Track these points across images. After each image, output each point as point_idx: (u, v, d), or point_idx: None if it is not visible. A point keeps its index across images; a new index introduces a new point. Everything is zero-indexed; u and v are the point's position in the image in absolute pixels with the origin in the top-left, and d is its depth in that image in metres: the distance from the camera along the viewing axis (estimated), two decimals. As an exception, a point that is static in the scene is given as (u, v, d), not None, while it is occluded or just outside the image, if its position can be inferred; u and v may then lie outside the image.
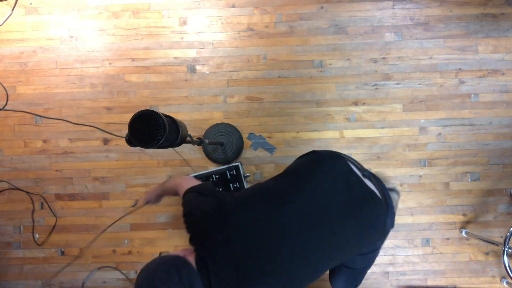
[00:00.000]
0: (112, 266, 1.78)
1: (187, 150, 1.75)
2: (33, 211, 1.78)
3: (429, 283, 1.74)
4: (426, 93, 1.73)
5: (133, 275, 1.77)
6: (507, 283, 1.70)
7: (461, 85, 1.73)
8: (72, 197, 1.78)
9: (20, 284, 1.79)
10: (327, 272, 1.05)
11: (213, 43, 1.76)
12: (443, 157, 1.73)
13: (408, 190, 1.74)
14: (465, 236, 1.72)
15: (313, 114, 1.74)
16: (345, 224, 0.82)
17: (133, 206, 1.76)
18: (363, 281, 1.73)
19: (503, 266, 1.47)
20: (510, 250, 1.46)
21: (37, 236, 1.79)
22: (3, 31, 1.78)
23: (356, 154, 1.74)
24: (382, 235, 0.91)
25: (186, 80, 1.76)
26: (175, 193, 1.08)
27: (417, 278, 1.74)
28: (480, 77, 1.73)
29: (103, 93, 1.77)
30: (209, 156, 1.73)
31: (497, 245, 1.52)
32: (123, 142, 1.77)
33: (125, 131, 1.76)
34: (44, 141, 1.78)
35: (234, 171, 1.60)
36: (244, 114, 1.75)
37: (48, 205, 1.77)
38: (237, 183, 1.59)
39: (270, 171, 1.75)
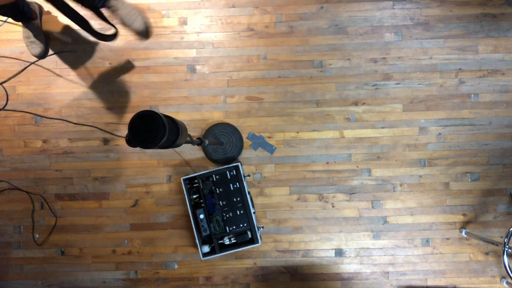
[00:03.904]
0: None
1: (187, 150, 1.76)
2: (33, 211, 1.78)
3: (429, 283, 1.74)
4: (426, 93, 1.73)
5: (133, 275, 1.78)
6: (507, 283, 1.70)
7: (461, 85, 1.73)
8: (72, 197, 1.78)
9: (20, 284, 1.80)
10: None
11: (213, 43, 1.76)
12: (443, 157, 1.73)
13: (408, 190, 1.74)
14: (465, 236, 1.72)
15: (313, 114, 1.74)
16: None
17: (133, 206, 1.76)
18: (362, 282, 1.74)
19: (503, 266, 1.47)
20: (510, 250, 1.46)
21: (37, 236, 1.79)
22: (3, 31, 1.78)
23: (356, 154, 1.74)
24: None
25: (186, 80, 1.76)
26: None
27: (417, 278, 1.74)
28: (480, 77, 1.73)
29: (103, 93, 1.77)
30: (209, 156, 1.73)
31: (497, 245, 1.52)
32: (123, 142, 1.77)
33: (125, 131, 1.77)
34: (44, 141, 1.78)
35: (234, 171, 1.60)
36: (244, 114, 1.75)
37: (48, 205, 1.77)
38: (237, 183, 1.60)
39: (270, 171, 1.75)
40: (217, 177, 1.61)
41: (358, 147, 1.74)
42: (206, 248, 1.61)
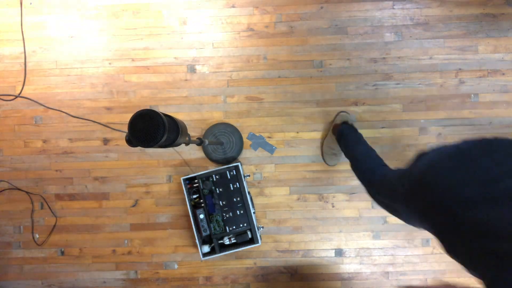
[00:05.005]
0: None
1: (187, 150, 1.75)
2: (33, 211, 1.78)
3: (429, 283, 1.74)
4: (426, 93, 1.73)
5: (133, 275, 1.77)
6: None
7: (461, 85, 1.73)
8: (72, 197, 1.78)
9: (20, 284, 1.79)
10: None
11: (213, 43, 1.76)
12: (443, 157, 1.73)
13: (408, 190, 1.73)
14: (465, 236, 1.72)
15: (313, 114, 1.74)
16: None
17: (133, 206, 1.76)
18: (362, 281, 1.74)
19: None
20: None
21: (37, 236, 1.79)
22: (3, 31, 1.78)
23: (356, 154, 1.74)
24: None
25: (186, 80, 1.76)
26: None
27: (417, 278, 1.74)
28: (480, 77, 1.73)
29: (103, 93, 1.77)
30: (209, 156, 1.73)
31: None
32: (123, 142, 1.77)
33: (125, 131, 1.76)
34: (44, 141, 1.78)
35: (234, 171, 1.60)
36: (244, 114, 1.75)
37: (48, 205, 1.77)
38: (237, 183, 1.59)
39: (270, 171, 1.75)
40: (217, 177, 1.61)
41: (358, 147, 1.74)
42: (206, 248, 1.61)
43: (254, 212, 1.63)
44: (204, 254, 1.59)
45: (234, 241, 1.61)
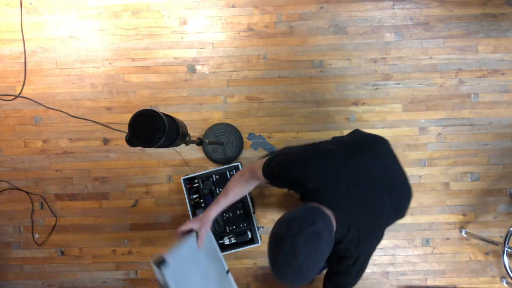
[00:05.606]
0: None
1: (187, 150, 1.75)
2: (33, 211, 1.78)
3: (429, 283, 1.74)
4: (426, 93, 1.73)
5: (133, 275, 1.77)
6: (507, 283, 1.70)
7: (461, 85, 1.73)
8: (72, 197, 1.78)
9: (20, 284, 1.79)
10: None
11: (213, 43, 1.76)
12: (443, 157, 1.73)
13: (408, 190, 1.74)
14: (465, 236, 1.72)
15: (313, 114, 1.74)
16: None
17: (133, 206, 1.76)
18: (363, 281, 1.73)
19: (503, 266, 1.47)
20: (510, 250, 1.46)
21: (37, 236, 1.78)
22: (3, 31, 1.78)
23: (356, 154, 1.74)
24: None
25: (186, 80, 1.76)
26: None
27: (417, 278, 1.74)
28: (480, 77, 1.73)
29: (103, 93, 1.77)
30: (209, 156, 1.73)
31: (497, 245, 1.52)
32: (123, 142, 1.77)
33: (125, 131, 1.76)
34: (44, 141, 1.78)
35: (234, 171, 1.60)
36: (244, 114, 1.75)
37: (48, 205, 1.77)
38: (237, 183, 1.59)
39: (270, 171, 1.75)
40: (217, 177, 1.60)
41: (358, 147, 1.74)
42: (206, 248, 1.61)
43: (254, 212, 1.63)
44: (204, 254, 1.59)
45: (234, 241, 1.61)
